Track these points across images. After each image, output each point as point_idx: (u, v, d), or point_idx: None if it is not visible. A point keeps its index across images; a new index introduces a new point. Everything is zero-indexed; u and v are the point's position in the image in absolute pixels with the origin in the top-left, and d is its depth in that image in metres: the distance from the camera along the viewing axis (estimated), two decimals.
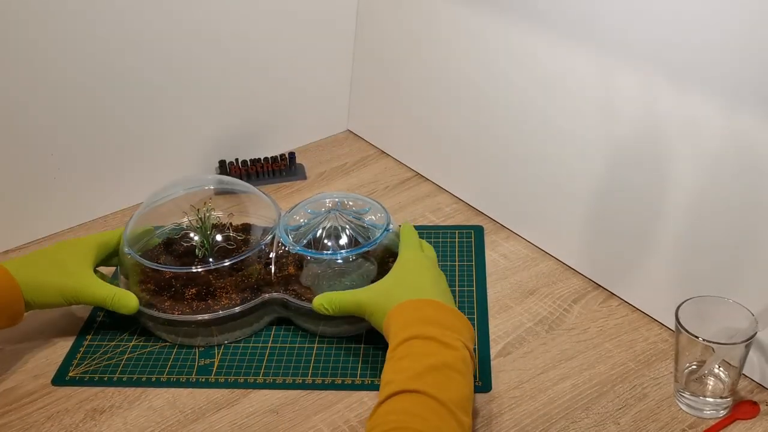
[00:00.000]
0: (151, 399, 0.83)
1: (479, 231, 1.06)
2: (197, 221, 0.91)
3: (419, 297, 0.78)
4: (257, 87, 1.20)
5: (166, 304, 0.87)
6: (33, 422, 0.81)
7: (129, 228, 0.91)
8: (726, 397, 0.77)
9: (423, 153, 1.19)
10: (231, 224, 0.95)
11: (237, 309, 0.87)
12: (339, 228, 0.90)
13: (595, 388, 0.81)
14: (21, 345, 0.90)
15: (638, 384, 0.81)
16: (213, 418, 0.80)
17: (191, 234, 0.91)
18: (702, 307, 0.76)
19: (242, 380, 0.84)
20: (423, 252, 0.88)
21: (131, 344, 0.90)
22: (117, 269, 1.00)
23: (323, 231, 0.89)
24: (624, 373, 0.83)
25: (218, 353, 0.88)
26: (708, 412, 0.77)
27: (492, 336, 0.88)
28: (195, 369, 0.86)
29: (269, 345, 0.89)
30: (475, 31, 1.04)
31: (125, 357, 0.88)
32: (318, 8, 1.20)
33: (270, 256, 0.90)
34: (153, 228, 0.95)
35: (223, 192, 0.99)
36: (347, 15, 1.24)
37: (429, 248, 0.92)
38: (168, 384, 0.84)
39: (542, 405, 0.80)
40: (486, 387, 0.82)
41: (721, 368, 0.77)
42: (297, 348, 0.88)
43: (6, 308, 0.83)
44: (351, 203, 0.94)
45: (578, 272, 0.97)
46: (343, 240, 0.89)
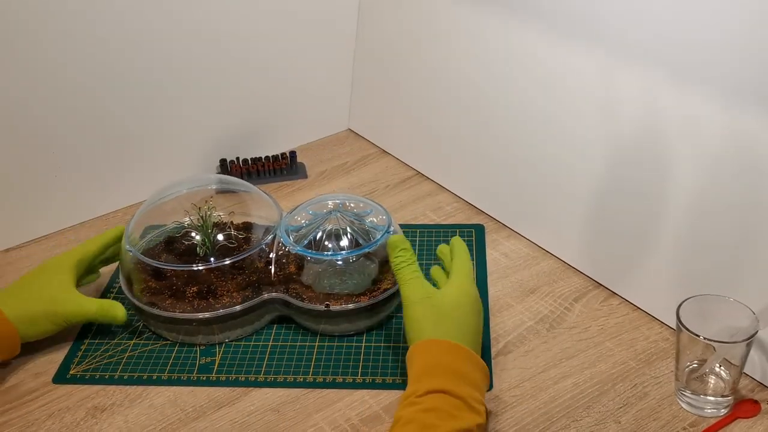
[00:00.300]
0: (152, 397, 0.83)
1: (480, 230, 1.06)
2: (199, 220, 0.91)
3: (460, 342, 0.75)
4: (258, 86, 1.20)
5: (167, 303, 0.87)
6: (34, 420, 0.81)
7: (131, 226, 0.92)
8: (727, 396, 0.77)
9: (424, 152, 1.19)
10: (232, 223, 0.95)
11: (238, 307, 0.87)
12: (340, 229, 0.90)
13: (596, 387, 0.81)
14: (22, 343, 0.90)
15: (639, 383, 0.81)
16: (214, 417, 0.80)
17: (192, 232, 0.91)
18: (703, 306, 0.76)
19: (243, 378, 0.85)
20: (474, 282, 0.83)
21: (132, 342, 0.90)
22: (117, 269, 1.00)
23: (324, 232, 0.89)
24: (625, 372, 0.83)
25: (219, 351, 0.88)
26: (709, 411, 0.77)
27: (493, 334, 0.88)
28: (196, 367, 0.86)
29: (270, 343, 0.89)
30: (475, 31, 1.04)
31: (126, 355, 0.88)
32: (319, 8, 1.20)
33: (270, 256, 0.90)
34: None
35: (225, 191, 0.99)
36: (348, 15, 1.24)
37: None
38: (169, 382, 0.85)
39: (543, 403, 0.80)
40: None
41: (722, 367, 0.78)
42: (298, 346, 0.88)
43: (1, 342, 0.84)
44: (352, 205, 0.94)
45: (579, 271, 0.97)
46: (344, 242, 0.89)
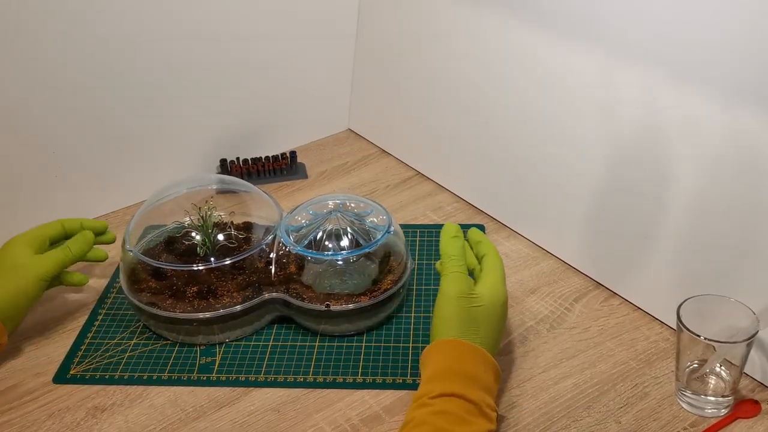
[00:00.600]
0: (153, 397, 0.83)
1: (480, 230, 1.05)
2: (199, 220, 0.91)
3: (481, 345, 0.74)
4: (258, 86, 1.20)
5: (168, 303, 0.87)
6: (34, 420, 0.81)
7: (131, 226, 0.91)
8: (727, 396, 0.77)
9: (424, 152, 1.19)
10: (232, 223, 0.95)
11: (238, 307, 0.87)
12: (340, 229, 0.90)
13: (597, 387, 0.81)
14: (22, 343, 0.90)
15: (639, 383, 0.81)
16: (214, 417, 0.80)
17: (193, 232, 0.91)
18: (703, 306, 0.76)
19: (243, 378, 0.85)
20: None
21: (132, 342, 0.90)
22: (117, 268, 1.00)
23: (324, 232, 0.89)
24: (625, 372, 0.83)
25: (219, 351, 0.88)
26: (709, 411, 0.77)
27: None
28: (196, 367, 0.86)
29: (270, 343, 0.89)
30: (475, 31, 1.04)
31: (126, 355, 0.88)
32: (319, 8, 1.20)
33: (270, 256, 0.90)
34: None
35: (225, 191, 0.99)
36: (348, 15, 1.24)
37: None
38: (169, 382, 0.85)
39: (543, 404, 0.80)
40: None
41: (723, 367, 0.78)
42: (298, 346, 0.88)
43: None
44: (353, 205, 0.94)
45: (579, 271, 0.97)
46: (344, 242, 0.89)
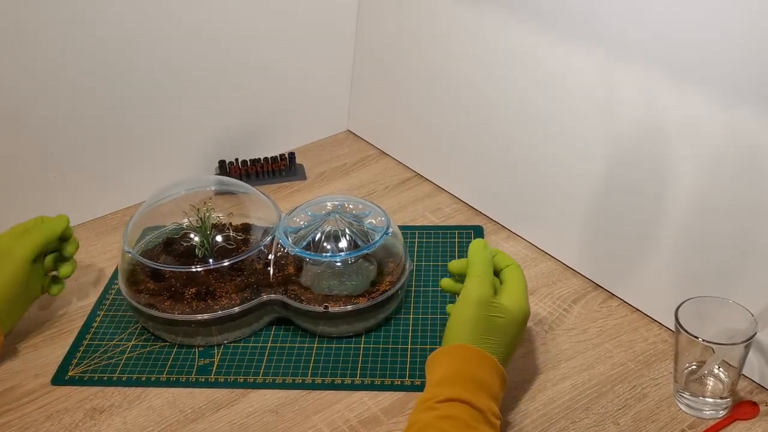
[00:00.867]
0: (151, 399, 0.83)
1: (479, 231, 1.06)
2: (197, 221, 0.91)
3: (491, 353, 0.74)
4: (257, 87, 1.20)
5: (166, 304, 0.87)
6: (32, 422, 0.81)
7: (129, 227, 0.91)
8: (725, 398, 0.77)
9: (423, 153, 1.19)
10: (231, 224, 0.95)
11: (236, 309, 0.87)
12: (339, 231, 0.89)
13: (595, 389, 0.81)
14: (20, 344, 0.91)
15: (638, 384, 0.81)
16: (213, 418, 0.80)
17: (191, 234, 0.91)
18: (702, 308, 0.76)
19: (242, 380, 0.84)
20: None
21: (131, 344, 0.90)
22: (116, 270, 1.00)
23: (323, 233, 0.89)
24: (624, 374, 0.83)
25: (218, 353, 0.88)
26: (707, 413, 0.77)
27: None
28: (195, 369, 0.86)
29: (269, 345, 0.89)
30: (475, 31, 1.04)
31: (125, 356, 0.88)
32: (318, 8, 1.20)
33: (269, 257, 0.90)
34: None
35: (223, 192, 0.99)
36: (347, 15, 1.24)
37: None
38: (167, 384, 0.84)
39: (542, 405, 0.80)
40: None
41: (721, 368, 0.77)
42: (297, 348, 0.88)
43: None
44: (351, 206, 0.94)
45: (578, 272, 0.97)
46: (343, 243, 0.89)
